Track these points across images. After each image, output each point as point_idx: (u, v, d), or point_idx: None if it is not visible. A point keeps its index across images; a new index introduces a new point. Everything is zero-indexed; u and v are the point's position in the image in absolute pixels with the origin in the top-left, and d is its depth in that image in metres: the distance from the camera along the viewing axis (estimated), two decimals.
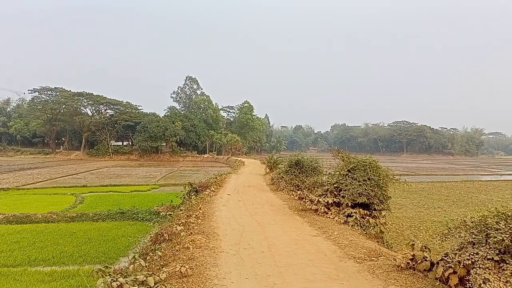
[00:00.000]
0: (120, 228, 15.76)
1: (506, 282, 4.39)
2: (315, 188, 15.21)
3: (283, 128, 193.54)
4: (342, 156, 13.44)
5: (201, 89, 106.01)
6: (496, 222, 5.11)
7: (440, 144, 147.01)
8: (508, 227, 4.82)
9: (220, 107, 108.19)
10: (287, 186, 19.39)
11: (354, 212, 11.40)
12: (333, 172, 13.83)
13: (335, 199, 12.38)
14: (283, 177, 20.80)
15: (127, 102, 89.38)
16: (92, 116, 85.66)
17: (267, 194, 19.15)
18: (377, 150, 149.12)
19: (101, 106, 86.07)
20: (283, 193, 18.94)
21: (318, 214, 12.40)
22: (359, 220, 11.17)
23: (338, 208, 12.21)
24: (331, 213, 12.13)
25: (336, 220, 11.52)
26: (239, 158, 66.84)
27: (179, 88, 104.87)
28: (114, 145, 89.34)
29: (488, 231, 5.10)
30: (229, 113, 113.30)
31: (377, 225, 11.09)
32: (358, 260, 7.54)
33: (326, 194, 12.90)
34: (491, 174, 57.05)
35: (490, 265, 4.70)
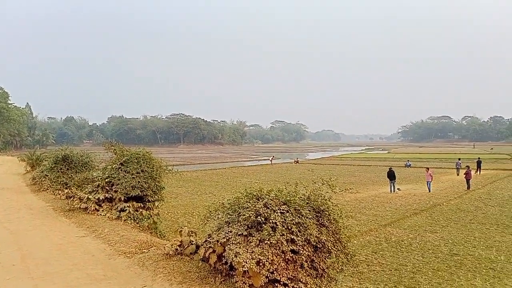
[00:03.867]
0: None
1: (252, 252, 5.11)
2: (86, 185, 13.96)
3: (50, 120, 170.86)
4: (115, 149, 12.83)
5: None
6: (246, 201, 5.91)
7: (212, 135, 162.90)
8: (253, 205, 5.63)
9: None
10: (53, 185, 17.05)
11: (128, 206, 11.07)
12: (105, 166, 13.04)
13: (107, 195, 11.67)
14: (47, 175, 18.19)
15: None
16: None
17: (26, 196, 16.36)
18: (156, 142, 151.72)
19: None
20: (48, 193, 16.60)
21: (88, 213, 11.43)
22: (133, 214, 10.94)
23: (110, 204, 11.58)
24: (102, 210, 11.38)
25: (108, 217, 10.90)
26: None
27: None
28: None
29: (240, 210, 5.83)
30: None
31: (151, 216, 11.16)
32: (128, 255, 7.33)
33: (97, 190, 12.02)
34: (252, 160, 67.44)
35: (241, 239, 5.37)
